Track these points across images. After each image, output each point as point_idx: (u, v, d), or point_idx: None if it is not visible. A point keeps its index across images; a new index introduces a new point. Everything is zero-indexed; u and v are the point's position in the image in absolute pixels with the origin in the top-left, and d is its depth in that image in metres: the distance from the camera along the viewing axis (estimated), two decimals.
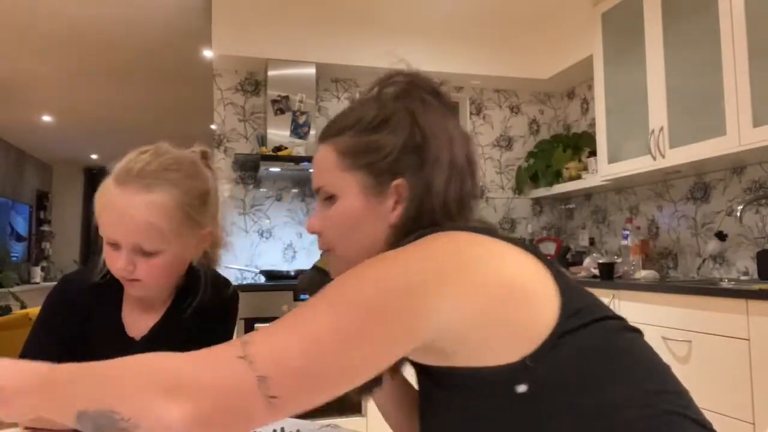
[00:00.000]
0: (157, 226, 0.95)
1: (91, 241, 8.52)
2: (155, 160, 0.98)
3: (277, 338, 0.54)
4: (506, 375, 0.59)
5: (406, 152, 0.74)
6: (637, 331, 0.69)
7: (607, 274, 2.90)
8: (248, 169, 3.54)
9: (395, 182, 0.74)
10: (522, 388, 0.59)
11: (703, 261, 2.91)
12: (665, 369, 0.66)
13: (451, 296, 0.58)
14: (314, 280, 0.87)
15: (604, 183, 3.23)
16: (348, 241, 0.76)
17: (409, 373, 0.86)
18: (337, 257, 0.78)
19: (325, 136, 0.79)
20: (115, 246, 0.96)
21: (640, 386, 0.61)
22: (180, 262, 1.03)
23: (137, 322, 1.09)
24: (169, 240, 0.97)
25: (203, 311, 1.11)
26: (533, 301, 0.61)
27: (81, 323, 1.07)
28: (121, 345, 1.07)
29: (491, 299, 0.59)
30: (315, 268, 0.88)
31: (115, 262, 0.96)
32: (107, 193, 0.97)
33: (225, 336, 1.17)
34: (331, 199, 0.76)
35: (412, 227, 0.71)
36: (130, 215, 0.94)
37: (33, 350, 1.07)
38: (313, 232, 0.80)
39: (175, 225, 0.97)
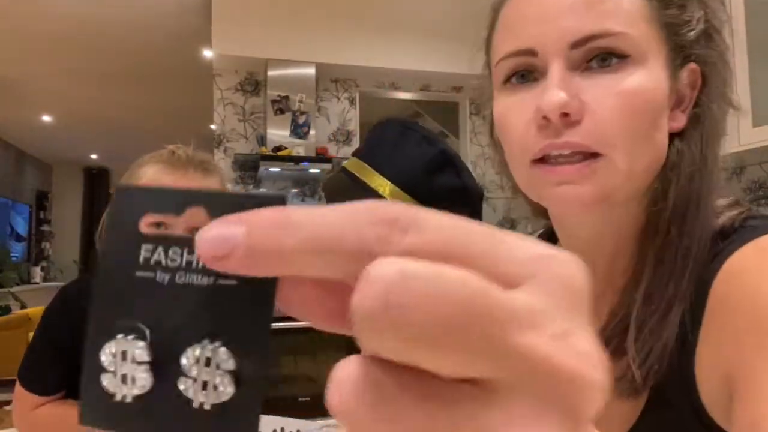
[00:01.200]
0: None
1: (94, 240, 8.52)
2: (196, 152, 1.03)
3: None
4: None
5: (706, 30, 0.49)
6: None
7: None
8: (248, 169, 3.54)
9: (690, 66, 0.48)
10: None
11: None
12: None
13: None
14: (339, 184, 0.73)
15: None
16: (644, 138, 0.46)
17: None
18: (611, 166, 0.45)
19: None
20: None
21: None
22: None
23: None
24: None
25: None
26: None
27: (80, 332, 1.07)
28: None
29: None
30: (344, 170, 0.73)
31: None
32: (162, 179, 0.97)
33: None
34: (617, 60, 0.45)
35: (693, 141, 0.48)
36: None
37: (33, 360, 1.08)
38: (567, 114, 0.44)
39: None
